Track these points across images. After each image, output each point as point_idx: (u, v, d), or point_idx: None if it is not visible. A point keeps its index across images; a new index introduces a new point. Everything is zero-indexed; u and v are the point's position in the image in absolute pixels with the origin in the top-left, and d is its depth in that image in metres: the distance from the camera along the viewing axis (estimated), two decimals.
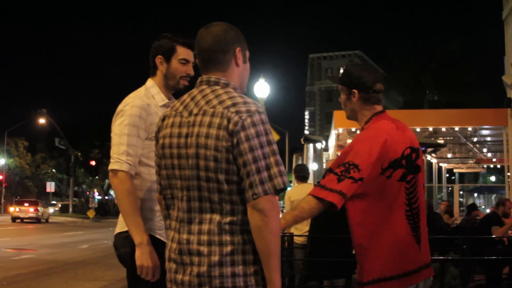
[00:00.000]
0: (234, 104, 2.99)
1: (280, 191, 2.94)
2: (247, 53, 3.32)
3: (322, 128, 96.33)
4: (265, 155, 2.91)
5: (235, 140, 2.92)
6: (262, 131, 2.95)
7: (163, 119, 3.26)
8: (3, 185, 72.46)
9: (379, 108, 4.19)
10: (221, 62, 3.19)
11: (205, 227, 3.00)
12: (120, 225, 4.11)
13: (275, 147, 2.97)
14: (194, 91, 3.20)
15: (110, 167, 3.97)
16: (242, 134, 2.91)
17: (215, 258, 2.94)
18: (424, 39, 54.40)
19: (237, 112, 2.95)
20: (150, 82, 4.31)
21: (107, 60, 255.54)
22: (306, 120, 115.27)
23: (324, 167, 15.03)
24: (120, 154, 3.96)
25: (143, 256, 3.79)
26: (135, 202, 3.91)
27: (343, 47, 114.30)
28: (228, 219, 2.98)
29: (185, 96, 3.24)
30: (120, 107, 4.13)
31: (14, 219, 49.38)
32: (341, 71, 4.32)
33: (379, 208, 3.90)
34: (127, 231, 3.93)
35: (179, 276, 3.07)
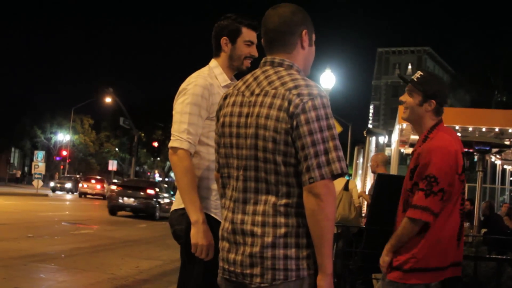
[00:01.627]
0: (296, 87, 2.96)
1: (337, 176, 2.91)
2: (314, 36, 3.28)
3: (386, 123, 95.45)
4: (324, 139, 2.88)
5: (294, 123, 2.89)
6: (322, 114, 2.91)
7: (225, 97, 3.26)
8: (67, 161, 73.84)
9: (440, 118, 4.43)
10: (287, 44, 3.16)
11: (260, 208, 2.99)
12: (177, 202, 4.14)
13: (335, 132, 2.94)
14: (257, 71, 3.18)
15: (170, 144, 4.00)
16: (302, 117, 2.89)
17: (269, 240, 2.93)
18: (496, 39, 53.42)
19: (299, 95, 2.93)
20: (213, 62, 4.32)
21: (175, 42, 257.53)
22: (370, 114, 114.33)
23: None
24: (181, 132, 3.99)
25: (198, 234, 3.81)
26: (193, 180, 3.93)
27: (412, 42, 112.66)
28: (283, 201, 2.96)
29: (248, 76, 3.23)
30: (183, 85, 4.16)
31: (81, 194, 51.86)
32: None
33: (446, 206, 4.16)
34: (183, 208, 3.96)
35: (232, 256, 3.07)
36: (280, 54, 3.16)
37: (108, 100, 62.46)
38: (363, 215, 12.56)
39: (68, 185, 58.29)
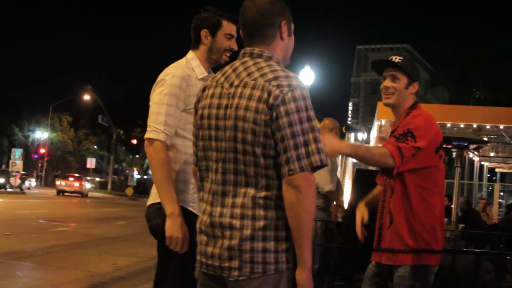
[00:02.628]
0: (275, 78, 2.93)
1: (317, 169, 2.88)
2: (292, 26, 3.23)
3: (365, 120, 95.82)
4: (304, 131, 2.85)
5: (274, 114, 2.86)
6: (302, 106, 2.88)
7: (204, 89, 3.21)
8: (45, 158, 73.51)
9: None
10: (266, 35, 3.12)
11: (239, 200, 2.96)
12: (153, 196, 4.10)
13: (315, 123, 2.90)
14: (237, 63, 3.14)
15: (147, 135, 3.95)
16: (282, 109, 2.85)
17: (247, 232, 2.90)
18: (474, 37, 53.73)
19: (278, 86, 2.89)
20: (191, 54, 4.27)
21: (153, 40, 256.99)
22: (349, 111, 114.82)
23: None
24: (157, 123, 3.93)
25: (173, 227, 3.77)
26: (168, 172, 3.89)
27: (391, 40, 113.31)
28: (263, 193, 2.93)
29: (227, 67, 3.19)
30: (161, 76, 4.11)
31: (59, 192, 51.48)
32: (394, 58, 4.49)
33: (441, 195, 4.39)
34: (159, 203, 3.92)
35: (210, 249, 3.03)
36: (259, 45, 3.12)
37: (86, 97, 62.43)
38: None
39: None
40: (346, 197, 13.19)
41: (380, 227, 4.39)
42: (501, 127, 18.50)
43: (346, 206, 9.42)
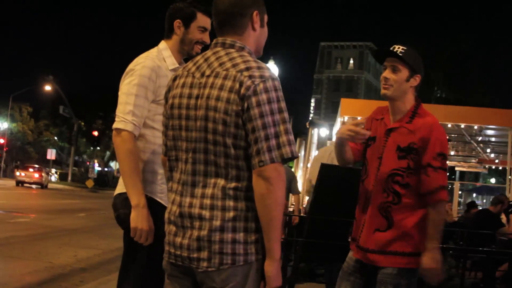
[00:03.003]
0: (247, 68, 2.92)
1: (287, 160, 2.89)
2: (266, 17, 3.22)
3: (327, 117, 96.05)
4: (275, 123, 2.85)
5: (245, 105, 2.85)
6: (274, 97, 2.88)
7: (174, 79, 3.20)
8: (4, 149, 72.56)
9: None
10: (237, 26, 3.11)
11: (209, 191, 2.95)
12: (120, 186, 4.05)
13: (286, 115, 2.91)
14: (208, 53, 3.13)
15: (115, 125, 3.91)
16: (254, 99, 2.85)
17: (217, 223, 2.89)
18: (436, 35, 54.15)
19: (250, 77, 2.89)
20: (163, 44, 4.23)
21: (118, 31, 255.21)
22: (312, 107, 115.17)
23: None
24: (125, 114, 3.89)
25: (138, 218, 3.75)
26: (135, 163, 3.86)
27: (354, 38, 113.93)
28: (233, 184, 2.92)
29: (198, 57, 3.18)
30: (130, 66, 4.07)
31: (18, 183, 50.84)
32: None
33: None
34: (126, 193, 3.88)
35: (178, 239, 3.02)
36: (231, 36, 3.11)
37: (48, 88, 61.79)
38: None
39: None
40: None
41: (365, 225, 4.28)
42: (462, 126, 18.71)
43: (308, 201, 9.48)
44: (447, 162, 4.10)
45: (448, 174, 4.11)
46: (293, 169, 20.79)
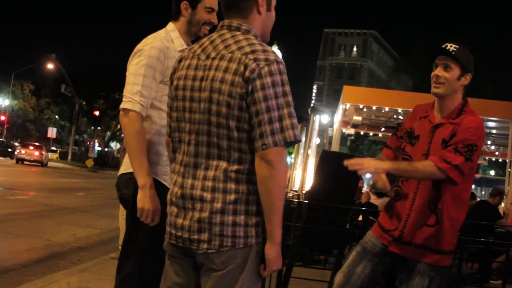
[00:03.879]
0: (253, 51, 2.92)
1: (290, 144, 2.90)
2: (273, 1, 3.23)
3: (329, 104, 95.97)
4: (279, 106, 2.86)
5: (250, 88, 2.86)
6: (278, 81, 2.89)
7: (180, 60, 3.21)
8: (5, 126, 72.58)
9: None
10: (243, 8, 3.11)
11: (211, 173, 2.97)
12: (125, 166, 4.07)
13: (290, 98, 2.92)
14: (214, 35, 3.14)
15: (122, 105, 3.91)
16: (258, 82, 2.85)
17: (218, 205, 2.91)
18: (441, 25, 53.93)
19: (255, 60, 2.89)
20: (171, 25, 4.24)
21: (121, 11, 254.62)
22: (314, 94, 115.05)
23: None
24: (133, 94, 3.90)
25: (145, 199, 3.76)
26: (142, 143, 3.87)
27: (358, 25, 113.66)
28: (235, 167, 2.94)
29: (204, 39, 3.19)
30: (139, 46, 4.07)
31: (18, 160, 50.78)
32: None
33: (469, 189, 4.40)
34: (131, 173, 3.89)
35: (179, 221, 3.04)
36: (237, 18, 3.12)
37: (50, 66, 61.68)
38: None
39: None
40: (310, 178, 13.30)
41: (409, 220, 4.27)
42: None
43: (309, 187, 9.50)
44: (474, 156, 4.08)
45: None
46: (293, 155, 20.79)
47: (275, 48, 23.70)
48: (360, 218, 11.67)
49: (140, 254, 3.91)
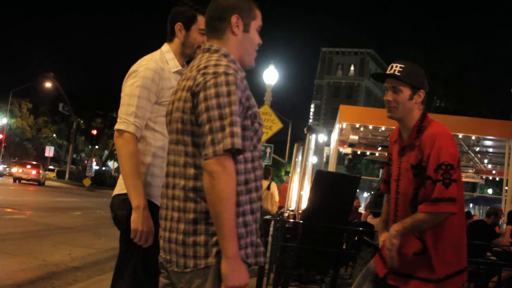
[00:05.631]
0: (205, 67, 3.00)
1: (230, 152, 2.84)
2: (254, 23, 3.25)
3: (326, 123, 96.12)
4: (222, 116, 2.85)
5: (195, 101, 2.93)
6: (223, 92, 2.89)
7: (178, 83, 3.27)
8: (3, 144, 72.49)
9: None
10: (217, 30, 3.19)
11: (176, 192, 3.04)
12: (119, 187, 4.08)
13: (234, 108, 2.89)
14: (196, 58, 3.22)
15: (117, 126, 3.94)
16: (202, 94, 2.91)
17: (181, 226, 2.97)
18: (437, 46, 54.09)
19: (203, 74, 2.96)
20: (166, 47, 4.27)
21: (120, 31, 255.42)
22: (311, 113, 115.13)
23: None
24: (128, 115, 3.93)
25: (138, 220, 3.77)
26: (137, 164, 3.89)
27: (355, 44, 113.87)
28: (191, 184, 2.97)
29: (191, 63, 3.25)
30: (134, 67, 4.10)
31: (15, 179, 50.89)
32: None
33: (462, 208, 4.15)
34: (125, 194, 3.90)
35: (161, 241, 3.13)
36: (213, 39, 3.20)
37: (48, 85, 61.74)
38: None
39: None
40: (305, 198, 13.31)
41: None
42: (460, 136, 18.72)
43: (305, 206, 9.49)
44: (456, 172, 3.92)
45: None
46: (290, 174, 20.76)
47: (271, 68, 23.53)
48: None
49: (133, 276, 3.92)
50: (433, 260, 4.01)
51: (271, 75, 22.74)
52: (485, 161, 26.76)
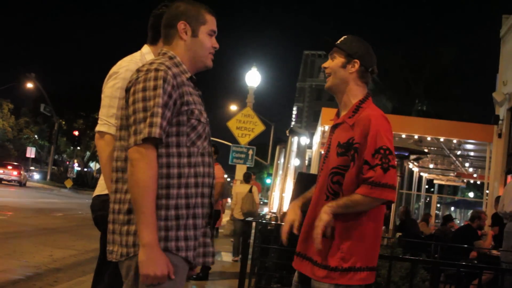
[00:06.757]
0: (142, 66, 3.16)
1: (148, 141, 2.95)
2: (202, 27, 3.35)
3: (309, 125, 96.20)
4: (146, 108, 2.98)
5: (127, 96, 3.10)
6: (150, 86, 3.01)
7: None
8: None
9: (367, 90, 4.02)
10: (166, 36, 3.38)
11: (118, 186, 3.19)
12: (100, 188, 4.08)
13: (159, 100, 2.99)
14: None
15: (98, 128, 3.94)
16: (131, 90, 3.07)
17: (120, 217, 3.10)
18: (419, 49, 54.24)
19: (138, 71, 3.12)
20: (146, 48, 4.27)
21: (100, 30, 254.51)
22: (293, 116, 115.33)
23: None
24: (109, 117, 3.93)
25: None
26: None
27: None
28: (120, 175, 3.12)
29: None
30: (114, 69, 4.10)
31: None
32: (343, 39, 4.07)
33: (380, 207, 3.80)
34: (106, 195, 3.89)
35: (108, 234, 3.25)
36: (165, 46, 3.37)
37: (29, 85, 61.32)
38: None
39: None
40: (288, 200, 13.36)
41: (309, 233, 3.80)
42: (441, 139, 18.83)
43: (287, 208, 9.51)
44: (394, 158, 3.65)
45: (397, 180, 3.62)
46: (272, 176, 20.75)
47: (253, 70, 23.52)
48: None
49: (113, 277, 3.90)
50: (333, 248, 3.69)
51: (253, 78, 22.77)
52: (466, 164, 26.94)
